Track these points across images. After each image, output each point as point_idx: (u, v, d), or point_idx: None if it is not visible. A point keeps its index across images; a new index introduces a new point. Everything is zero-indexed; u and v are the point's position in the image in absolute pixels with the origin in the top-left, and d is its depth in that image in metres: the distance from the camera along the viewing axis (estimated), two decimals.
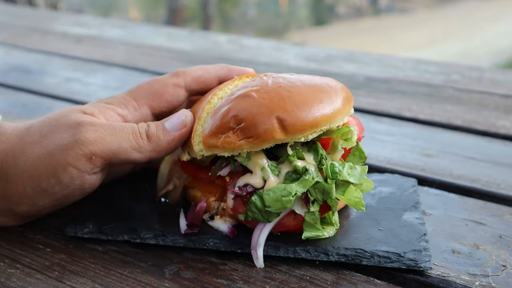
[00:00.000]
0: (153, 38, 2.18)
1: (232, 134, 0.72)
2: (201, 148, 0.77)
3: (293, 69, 1.72)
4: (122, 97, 0.83)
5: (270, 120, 0.71)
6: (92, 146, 0.73)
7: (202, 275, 0.72)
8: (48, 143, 0.74)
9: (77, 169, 0.73)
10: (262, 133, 0.71)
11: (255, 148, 0.72)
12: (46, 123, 0.77)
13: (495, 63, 7.27)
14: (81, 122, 0.75)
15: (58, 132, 0.75)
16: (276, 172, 0.73)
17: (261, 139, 0.71)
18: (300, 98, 0.73)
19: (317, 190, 0.73)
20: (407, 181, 0.92)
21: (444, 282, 0.70)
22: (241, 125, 0.72)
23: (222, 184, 0.79)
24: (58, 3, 6.86)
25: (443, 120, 1.28)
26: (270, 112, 0.72)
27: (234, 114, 0.73)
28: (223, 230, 0.77)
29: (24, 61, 1.85)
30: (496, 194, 0.93)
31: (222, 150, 0.73)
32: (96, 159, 0.74)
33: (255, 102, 0.73)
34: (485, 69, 1.77)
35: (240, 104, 0.74)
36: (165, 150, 0.78)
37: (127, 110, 0.82)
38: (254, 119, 0.72)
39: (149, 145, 0.76)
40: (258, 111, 0.72)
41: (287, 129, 0.71)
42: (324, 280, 0.71)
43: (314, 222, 0.74)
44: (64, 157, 0.73)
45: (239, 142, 0.72)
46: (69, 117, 0.76)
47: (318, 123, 0.72)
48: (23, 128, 0.78)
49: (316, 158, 0.74)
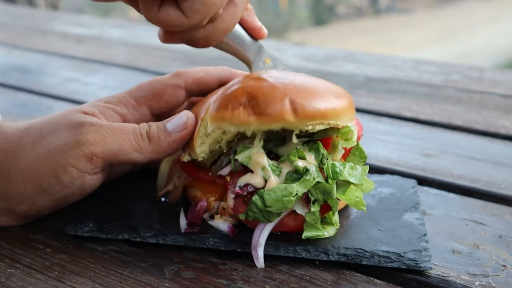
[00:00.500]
0: (153, 38, 2.18)
1: (242, 109, 0.72)
2: (203, 150, 0.77)
3: (293, 69, 1.72)
4: (122, 96, 0.83)
5: (283, 101, 0.72)
6: (93, 147, 0.73)
7: (202, 275, 0.72)
8: (48, 143, 0.74)
9: (78, 169, 0.73)
10: (273, 112, 0.71)
11: (262, 127, 0.72)
12: (46, 124, 0.77)
13: (495, 63, 7.28)
14: (82, 122, 0.75)
15: (58, 132, 0.75)
16: (277, 172, 0.73)
17: (271, 118, 0.71)
18: (313, 89, 0.74)
19: (318, 190, 0.73)
20: (407, 182, 0.92)
21: (444, 282, 0.70)
22: (253, 101, 0.72)
23: (222, 183, 0.79)
24: (58, 3, 6.86)
25: (443, 120, 1.28)
26: (283, 94, 0.72)
27: (248, 90, 0.73)
28: (223, 230, 0.77)
29: (24, 61, 1.85)
30: (496, 194, 0.93)
31: (229, 123, 0.73)
32: (96, 160, 0.74)
33: (270, 84, 0.74)
34: (485, 69, 1.77)
35: (254, 84, 0.75)
36: (166, 151, 0.78)
37: (126, 110, 0.82)
38: (267, 97, 0.72)
39: (150, 146, 0.76)
40: (272, 92, 0.73)
41: (298, 113, 0.71)
42: (324, 280, 0.71)
43: (314, 222, 0.74)
44: (64, 157, 0.73)
45: (249, 118, 0.72)
46: (70, 117, 0.76)
47: (328, 114, 0.73)
48: (23, 128, 0.78)
49: (317, 157, 0.74)
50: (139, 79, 1.59)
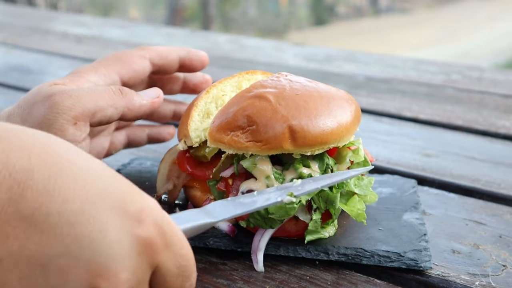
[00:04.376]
0: (153, 38, 2.18)
1: (241, 133, 0.72)
2: (197, 134, 0.78)
3: (293, 69, 1.72)
4: (91, 65, 0.85)
5: (282, 129, 0.71)
6: (72, 112, 0.73)
7: (202, 275, 0.72)
8: (31, 124, 0.74)
9: (67, 139, 0.73)
10: (271, 140, 0.71)
11: (261, 153, 0.72)
12: (22, 107, 0.77)
13: (495, 63, 7.28)
14: (54, 93, 0.74)
15: (36, 110, 0.74)
16: (280, 180, 0.73)
17: (270, 145, 0.71)
18: (315, 112, 0.72)
19: (320, 198, 0.72)
20: (407, 182, 0.92)
21: (444, 282, 0.70)
22: (252, 126, 0.71)
23: (224, 185, 0.78)
24: (58, 3, 6.86)
25: (443, 120, 1.28)
26: (284, 120, 0.71)
27: (247, 113, 0.72)
28: (223, 229, 0.76)
29: (24, 61, 1.85)
30: (496, 194, 0.93)
31: (227, 147, 0.73)
32: (79, 124, 0.73)
33: (271, 106, 0.72)
34: (485, 69, 1.77)
35: (255, 104, 0.73)
36: (137, 110, 0.79)
37: (97, 77, 0.83)
38: (266, 124, 0.71)
39: (123, 100, 0.77)
40: (272, 117, 0.71)
41: (297, 141, 0.71)
42: (324, 280, 0.71)
43: (316, 229, 0.74)
44: (51, 132, 0.72)
45: (247, 144, 0.71)
46: (43, 92, 0.76)
47: (328, 140, 0.72)
48: (4, 119, 0.78)
49: (321, 166, 0.74)
50: None
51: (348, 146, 0.76)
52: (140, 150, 1.10)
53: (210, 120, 0.82)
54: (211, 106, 0.83)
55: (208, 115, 0.83)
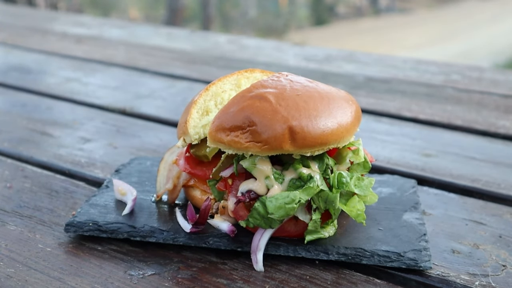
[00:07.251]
0: (153, 38, 2.18)
1: (241, 134, 0.72)
2: (196, 131, 0.78)
3: (293, 69, 1.72)
4: None
5: (282, 130, 0.70)
6: None
7: (202, 275, 0.72)
8: None
9: None
10: (271, 141, 0.70)
11: (261, 154, 0.72)
12: None
13: (495, 63, 7.27)
14: None
15: None
16: (280, 180, 0.73)
17: (270, 146, 0.71)
18: (315, 113, 0.72)
19: (320, 198, 0.72)
20: (406, 182, 0.92)
21: (444, 281, 0.70)
22: (252, 127, 0.71)
23: (224, 185, 0.78)
24: (58, 3, 6.86)
25: (443, 120, 1.28)
26: (284, 121, 0.71)
27: (247, 114, 0.72)
28: (223, 229, 0.76)
29: (24, 61, 1.85)
30: (496, 194, 0.93)
31: (227, 147, 0.73)
32: None
33: (271, 107, 0.72)
34: (485, 69, 1.77)
35: (255, 105, 0.73)
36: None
37: None
38: (266, 125, 0.71)
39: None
40: (272, 118, 0.71)
41: (297, 142, 0.71)
42: (324, 280, 0.71)
43: (315, 229, 0.74)
44: None
45: (247, 144, 0.71)
46: None
47: (328, 141, 0.72)
48: None
49: (321, 167, 0.74)
50: (139, 79, 1.59)
51: (348, 146, 0.76)
52: (140, 150, 1.10)
53: (209, 117, 0.82)
54: (210, 104, 0.83)
55: (207, 112, 0.83)
